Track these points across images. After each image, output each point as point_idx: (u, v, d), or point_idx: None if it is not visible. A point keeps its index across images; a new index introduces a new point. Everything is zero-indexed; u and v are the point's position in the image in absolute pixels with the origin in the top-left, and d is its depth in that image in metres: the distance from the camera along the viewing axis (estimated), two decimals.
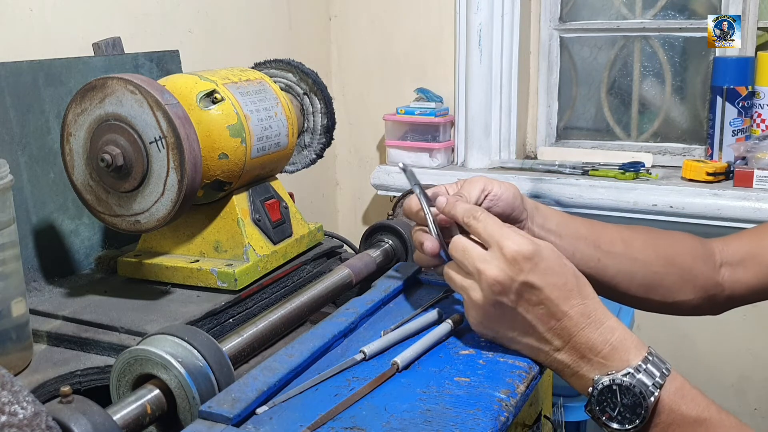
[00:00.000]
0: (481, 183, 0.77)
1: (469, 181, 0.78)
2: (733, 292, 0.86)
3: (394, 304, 0.84)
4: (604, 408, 0.62)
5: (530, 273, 0.64)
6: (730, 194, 1.59)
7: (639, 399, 0.61)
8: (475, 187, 0.77)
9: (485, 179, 0.78)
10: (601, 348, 0.64)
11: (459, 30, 1.86)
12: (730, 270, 0.85)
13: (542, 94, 1.98)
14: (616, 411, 0.62)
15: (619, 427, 0.62)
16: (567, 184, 1.73)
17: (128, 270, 0.94)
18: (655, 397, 0.61)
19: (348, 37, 2.00)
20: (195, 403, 0.61)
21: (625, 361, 0.63)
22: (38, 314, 0.86)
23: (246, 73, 1.01)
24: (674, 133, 1.90)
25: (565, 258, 0.67)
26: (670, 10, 1.84)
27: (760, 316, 1.70)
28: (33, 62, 0.99)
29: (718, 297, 0.86)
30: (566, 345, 0.65)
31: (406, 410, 0.61)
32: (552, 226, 0.80)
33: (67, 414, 0.51)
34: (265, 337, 0.75)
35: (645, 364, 0.62)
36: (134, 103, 0.80)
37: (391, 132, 1.91)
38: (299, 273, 1.01)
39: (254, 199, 0.97)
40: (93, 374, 0.77)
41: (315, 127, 1.12)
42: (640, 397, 0.61)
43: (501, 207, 0.77)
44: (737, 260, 0.85)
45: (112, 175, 0.82)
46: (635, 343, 0.64)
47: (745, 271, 0.85)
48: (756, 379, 1.77)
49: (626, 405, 0.61)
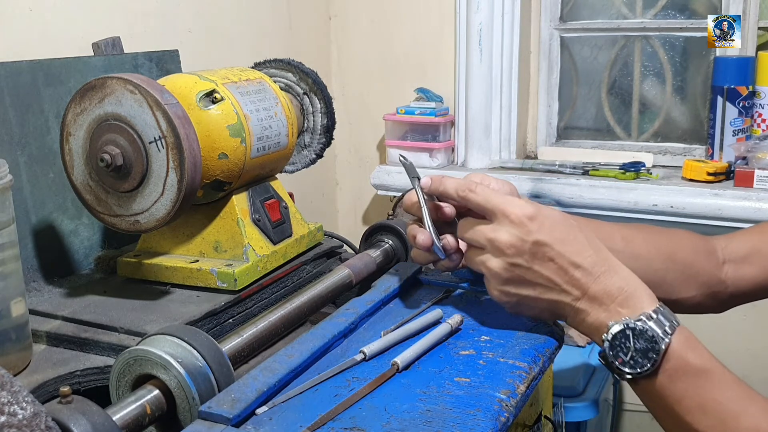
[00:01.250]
0: (478, 176, 0.79)
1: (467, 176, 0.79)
2: (737, 289, 0.86)
3: (394, 304, 0.84)
4: (617, 353, 0.64)
5: (538, 232, 0.67)
6: (730, 194, 1.59)
7: (651, 344, 0.63)
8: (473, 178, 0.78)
9: (483, 174, 0.79)
10: (617, 295, 0.66)
11: (459, 30, 1.86)
12: (733, 267, 0.85)
13: (542, 94, 1.98)
14: (628, 355, 0.64)
15: (630, 371, 0.64)
16: (567, 184, 1.73)
17: (128, 270, 0.94)
18: (665, 343, 0.63)
19: (348, 37, 2.00)
20: (195, 403, 0.61)
21: (639, 308, 0.65)
22: (38, 314, 0.86)
23: (246, 72, 1.01)
24: (675, 133, 1.90)
25: (567, 215, 0.71)
26: (670, 9, 1.84)
27: (760, 316, 1.69)
28: (32, 62, 0.99)
29: (721, 294, 0.86)
30: (585, 294, 0.67)
31: (406, 410, 0.61)
32: None
33: (67, 414, 0.51)
34: (265, 338, 0.75)
35: (656, 314, 0.64)
36: (134, 102, 0.79)
37: (391, 132, 1.91)
38: (299, 273, 1.01)
39: (254, 199, 0.97)
40: (92, 374, 0.77)
41: (315, 127, 1.12)
42: (652, 341, 0.63)
43: None
44: (741, 257, 0.85)
45: (112, 175, 0.82)
46: (648, 293, 0.67)
47: (749, 268, 0.85)
48: (756, 379, 1.76)
49: (638, 349, 0.63)
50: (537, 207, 0.69)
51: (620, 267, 0.69)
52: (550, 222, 0.68)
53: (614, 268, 0.68)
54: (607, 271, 0.67)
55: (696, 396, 0.63)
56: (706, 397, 0.62)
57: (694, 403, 0.62)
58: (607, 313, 0.66)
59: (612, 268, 0.68)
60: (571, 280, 0.68)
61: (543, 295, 0.69)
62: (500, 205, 0.69)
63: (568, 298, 0.68)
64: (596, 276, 0.67)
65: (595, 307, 0.67)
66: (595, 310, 0.67)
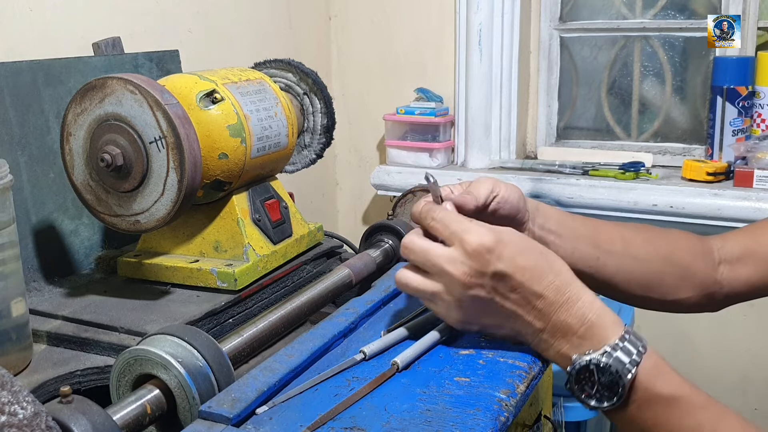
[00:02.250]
0: (489, 184, 0.76)
1: (477, 181, 0.77)
2: (732, 289, 0.86)
3: (394, 304, 0.84)
4: (583, 386, 0.63)
5: (497, 262, 0.64)
6: (730, 194, 1.59)
7: (616, 378, 0.61)
8: (484, 187, 0.76)
9: (494, 180, 0.77)
10: (578, 326, 0.64)
11: (459, 30, 1.86)
12: (728, 267, 0.86)
13: (542, 94, 1.98)
14: (594, 389, 0.62)
15: (597, 404, 0.62)
16: (567, 184, 1.73)
17: (128, 270, 0.94)
18: (632, 374, 0.61)
19: (348, 37, 2.00)
20: (195, 403, 0.61)
21: (603, 339, 0.63)
22: (38, 314, 0.86)
23: (246, 73, 1.01)
24: (674, 133, 1.90)
25: (528, 238, 0.68)
26: (670, 10, 1.84)
27: (760, 316, 1.70)
28: (33, 62, 0.99)
29: (716, 294, 0.86)
30: (547, 326, 0.65)
31: (406, 410, 0.61)
32: (552, 226, 0.80)
33: (67, 414, 0.51)
34: (265, 337, 0.75)
35: (622, 342, 0.62)
36: (134, 103, 0.79)
37: (391, 132, 1.91)
38: (299, 273, 1.01)
39: (254, 199, 0.97)
40: (93, 374, 0.77)
41: (315, 127, 1.12)
42: (616, 376, 0.61)
43: (507, 210, 0.76)
44: (735, 257, 0.85)
45: (112, 175, 0.82)
46: (612, 319, 0.64)
47: (743, 268, 0.85)
48: (756, 379, 1.76)
49: (604, 384, 0.62)
50: (497, 234, 0.65)
51: (583, 292, 0.65)
52: (509, 250, 0.64)
53: (577, 294, 0.65)
54: (569, 299, 0.64)
55: (667, 423, 0.62)
56: (678, 423, 0.61)
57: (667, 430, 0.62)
58: (570, 345, 0.64)
59: (575, 295, 0.64)
60: (533, 311, 0.65)
61: (505, 324, 0.67)
62: (458, 234, 0.66)
63: (531, 329, 0.66)
64: (558, 305, 0.64)
65: (558, 338, 0.65)
66: (558, 341, 0.65)
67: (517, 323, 0.66)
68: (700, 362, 1.79)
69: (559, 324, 0.64)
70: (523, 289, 0.64)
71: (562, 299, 0.64)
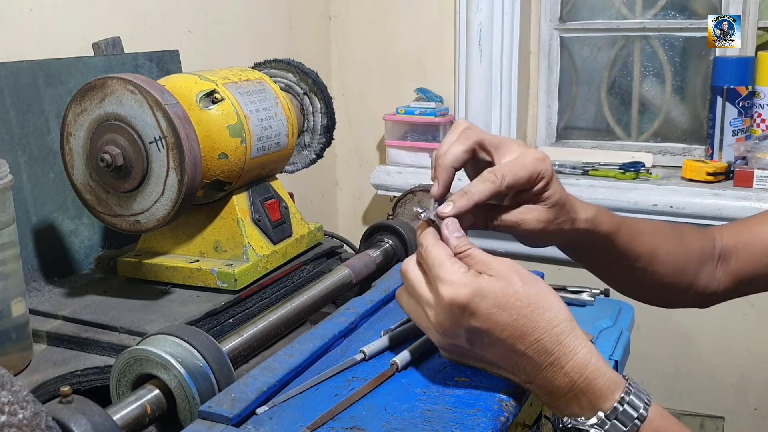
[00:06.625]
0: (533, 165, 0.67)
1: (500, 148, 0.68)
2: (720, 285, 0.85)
3: (394, 304, 0.84)
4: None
5: (471, 319, 0.58)
6: (730, 194, 1.59)
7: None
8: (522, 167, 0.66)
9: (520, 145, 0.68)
10: (566, 392, 0.58)
11: (459, 30, 1.86)
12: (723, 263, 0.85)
13: (542, 94, 1.98)
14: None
15: None
16: (567, 184, 1.69)
17: (128, 270, 0.94)
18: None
19: (348, 37, 2.00)
20: (195, 403, 0.61)
21: (595, 406, 0.57)
22: (38, 314, 0.86)
23: (246, 72, 1.01)
24: (674, 133, 1.90)
25: (515, 285, 0.58)
26: (670, 10, 1.84)
27: (761, 316, 1.69)
28: (32, 62, 0.99)
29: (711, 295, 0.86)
30: (532, 382, 0.60)
31: (406, 410, 0.61)
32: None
33: (67, 414, 0.52)
34: (265, 337, 0.75)
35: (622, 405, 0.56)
36: (134, 103, 0.79)
37: (391, 132, 1.91)
38: (299, 273, 1.01)
39: (254, 199, 0.97)
40: (93, 374, 0.77)
41: (315, 127, 1.12)
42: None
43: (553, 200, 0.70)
44: (729, 250, 0.85)
45: (112, 175, 0.82)
46: (607, 382, 0.57)
47: (734, 261, 0.84)
48: (756, 379, 1.76)
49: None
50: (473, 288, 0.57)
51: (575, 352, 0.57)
52: (486, 305, 0.57)
53: (566, 356, 0.57)
54: (555, 361, 0.57)
55: None
56: None
57: None
58: (560, 402, 0.59)
59: (563, 357, 0.57)
60: (515, 367, 0.59)
61: (492, 370, 0.63)
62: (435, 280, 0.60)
63: (517, 379, 0.61)
64: (543, 367, 0.58)
65: (546, 394, 0.59)
66: (546, 397, 0.59)
67: (501, 371, 0.62)
68: (700, 362, 1.79)
69: (545, 384, 0.59)
70: (503, 346, 0.58)
71: (548, 360, 0.57)
